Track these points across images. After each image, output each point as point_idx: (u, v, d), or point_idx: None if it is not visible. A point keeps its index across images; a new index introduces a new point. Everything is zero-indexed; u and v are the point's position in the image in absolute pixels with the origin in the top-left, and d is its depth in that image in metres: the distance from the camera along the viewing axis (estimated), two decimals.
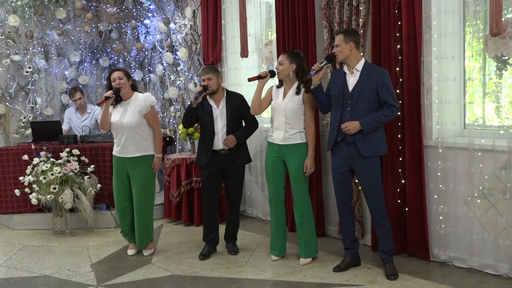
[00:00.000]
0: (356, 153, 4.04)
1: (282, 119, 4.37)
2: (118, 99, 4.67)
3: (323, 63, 4.08)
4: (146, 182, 4.73)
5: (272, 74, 4.42)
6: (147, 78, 7.26)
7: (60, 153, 5.58)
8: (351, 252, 4.30)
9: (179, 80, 6.66)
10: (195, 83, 6.50)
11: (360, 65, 4.07)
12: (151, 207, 4.84)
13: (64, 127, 6.51)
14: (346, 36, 4.05)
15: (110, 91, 4.55)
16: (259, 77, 4.40)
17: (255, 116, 4.71)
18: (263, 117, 5.65)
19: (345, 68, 4.14)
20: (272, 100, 4.49)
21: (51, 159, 5.53)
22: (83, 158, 5.65)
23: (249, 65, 5.99)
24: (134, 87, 4.77)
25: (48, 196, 5.36)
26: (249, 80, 4.46)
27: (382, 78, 4.01)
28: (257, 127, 4.77)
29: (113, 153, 4.77)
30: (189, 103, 6.49)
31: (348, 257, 4.30)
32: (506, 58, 3.99)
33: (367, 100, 4.02)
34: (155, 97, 4.85)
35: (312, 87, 4.15)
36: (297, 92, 4.36)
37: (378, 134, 4.07)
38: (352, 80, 4.07)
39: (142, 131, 4.67)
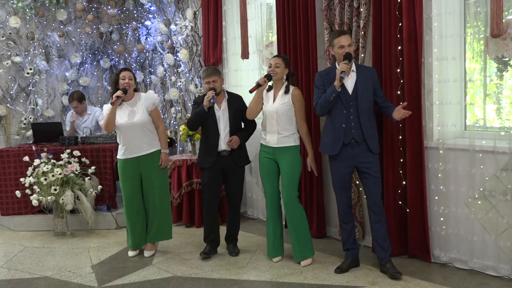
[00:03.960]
0: (365, 151, 4.09)
1: (274, 122, 4.39)
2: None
3: (348, 64, 3.98)
4: (164, 177, 4.84)
5: (268, 78, 4.38)
6: (148, 80, 7.27)
7: (61, 155, 5.58)
8: (353, 253, 4.30)
9: (180, 81, 6.66)
10: (195, 85, 6.51)
11: (353, 66, 4.11)
12: (170, 201, 4.97)
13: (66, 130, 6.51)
14: (351, 37, 4.13)
15: (120, 91, 4.57)
16: (259, 85, 4.35)
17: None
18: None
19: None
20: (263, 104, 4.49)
21: (52, 161, 5.54)
22: (84, 159, 5.66)
23: (249, 66, 5.99)
24: (136, 88, 4.82)
25: (49, 197, 5.36)
26: (251, 91, 4.40)
27: (375, 77, 4.15)
28: (255, 128, 4.81)
29: (121, 157, 4.72)
30: (190, 104, 6.56)
31: (349, 258, 4.30)
32: (507, 59, 3.99)
33: (368, 99, 4.09)
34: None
35: (338, 89, 3.98)
36: (286, 91, 4.40)
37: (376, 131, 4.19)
38: (350, 82, 4.07)
39: (152, 127, 4.76)
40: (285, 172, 4.40)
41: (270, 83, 4.50)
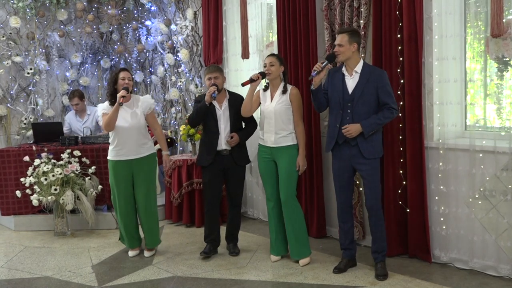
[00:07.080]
0: (358, 154, 4.04)
1: (272, 122, 4.39)
2: (114, 101, 4.65)
3: (324, 63, 4.04)
4: (151, 181, 4.81)
5: (263, 75, 4.40)
6: (148, 80, 7.27)
7: (61, 154, 5.58)
8: (350, 253, 4.30)
9: (180, 81, 6.66)
10: (196, 85, 6.51)
11: (359, 67, 4.05)
12: (156, 205, 4.92)
13: (64, 131, 6.51)
14: (351, 36, 4.00)
15: (124, 90, 4.51)
16: (252, 80, 4.38)
17: (253, 117, 4.74)
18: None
19: (344, 70, 4.11)
20: (260, 103, 4.51)
21: (52, 160, 5.54)
22: (84, 159, 5.66)
23: (250, 66, 5.99)
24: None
25: (49, 197, 5.36)
26: (243, 84, 4.45)
27: (382, 81, 4.00)
28: (256, 128, 4.80)
29: (114, 158, 4.69)
30: (190, 104, 6.56)
31: (346, 257, 4.30)
32: (507, 59, 3.99)
33: (367, 103, 4.00)
34: (155, 99, 4.89)
35: (312, 87, 4.10)
36: (284, 92, 4.40)
37: (378, 136, 4.09)
38: (351, 83, 4.05)
39: (145, 131, 4.75)
40: (282, 171, 4.40)
41: (266, 82, 4.49)
